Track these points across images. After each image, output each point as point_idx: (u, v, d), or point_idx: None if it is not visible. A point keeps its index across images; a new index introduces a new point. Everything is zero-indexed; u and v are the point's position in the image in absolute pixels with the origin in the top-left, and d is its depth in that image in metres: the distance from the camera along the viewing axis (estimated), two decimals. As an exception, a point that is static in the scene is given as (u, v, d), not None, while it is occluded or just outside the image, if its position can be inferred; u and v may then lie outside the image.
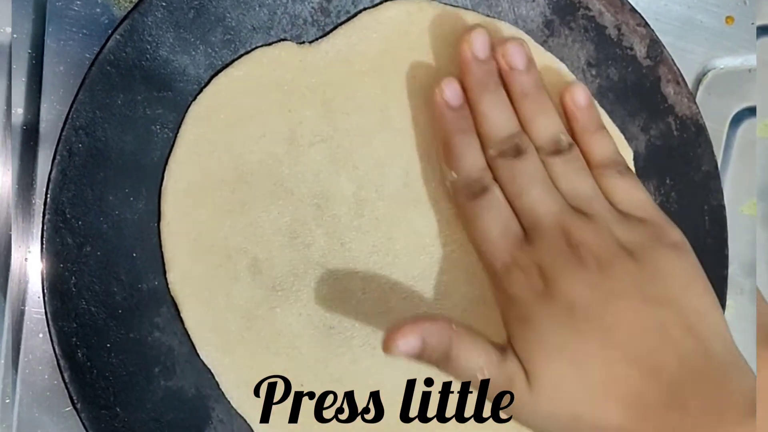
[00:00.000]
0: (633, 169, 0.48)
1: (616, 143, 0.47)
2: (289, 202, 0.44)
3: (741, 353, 0.38)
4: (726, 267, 0.49)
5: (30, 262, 0.46)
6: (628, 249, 0.39)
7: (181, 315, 0.43)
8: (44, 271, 0.41)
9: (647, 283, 0.39)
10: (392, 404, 0.45)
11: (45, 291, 0.41)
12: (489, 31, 0.43)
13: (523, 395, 0.37)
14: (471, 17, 0.47)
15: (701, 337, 0.38)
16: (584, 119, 0.44)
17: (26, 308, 0.46)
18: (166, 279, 0.43)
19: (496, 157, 0.41)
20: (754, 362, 0.54)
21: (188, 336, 0.44)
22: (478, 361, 0.38)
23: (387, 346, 0.37)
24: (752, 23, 0.56)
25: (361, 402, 0.45)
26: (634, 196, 0.42)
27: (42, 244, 0.41)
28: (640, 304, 0.38)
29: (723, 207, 0.49)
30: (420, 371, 0.45)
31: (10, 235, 0.46)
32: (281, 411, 0.44)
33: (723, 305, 0.49)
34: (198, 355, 0.44)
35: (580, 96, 0.44)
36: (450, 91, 0.42)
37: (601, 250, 0.39)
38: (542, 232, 0.40)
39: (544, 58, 0.47)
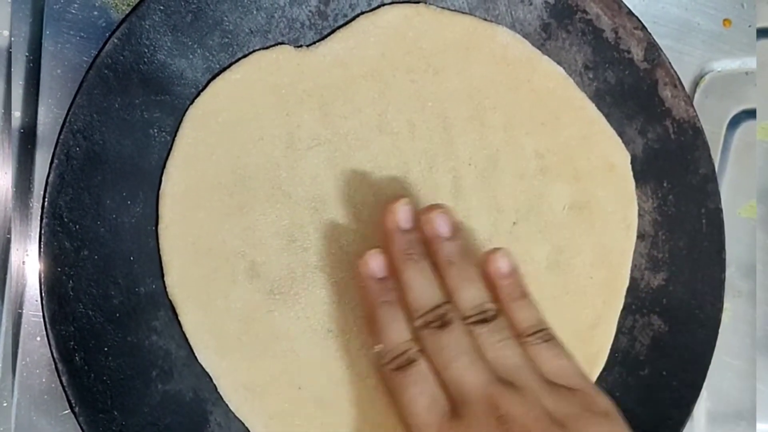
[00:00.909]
0: (631, 172, 0.49)
1: (613, 145, 0.48)
2: (286, 205, 0.44)
3: None
4: (723, 270, 0.49)
5: (28, 266, 0.46)
6: (558, 420, 0.39)
7: (179, 318, 0.43)
8: (42, 275, 0.41)
9: None
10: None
11: (43, 294, 0.41)
12: (486, 36, 0.43)
13: None
14: (468, 21, 0.47)
15: None
16: (508, 287, 0.43)
17: (24, 311, 0.46)
18: (163, 282, 0.43)
19: (422, 328, 0.41)
20: (753, 365, 0.54)
21: (186, 339, 0.44)
22: None
23: None
24: (749, 26, 0.56)
25: (360, 403, 0.45)
26: (561, 364, 0.42)
27: (40, 247, 0.41)
28: None
29: (720, 210, 0.49)
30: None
31: (8, 238, 0.46)
32: (279, 413, 0.44)
33: (720, 308, 0.49)
34: (196, 358, 0.44)
35: (502, 264, 0.43)
36: (374, 263, 0.42)
37: (531, 423, 0.38)
38: (470, 406, 0.39)
39: (541, 61, 0.47)
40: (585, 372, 0.42)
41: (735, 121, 0.56)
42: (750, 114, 0.56)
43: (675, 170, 0.49)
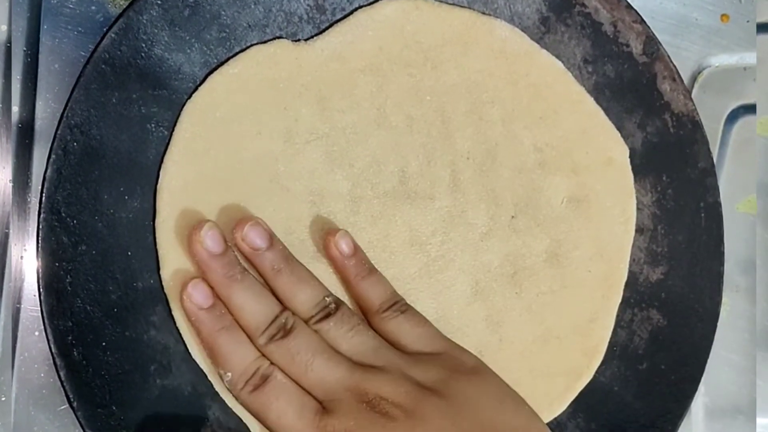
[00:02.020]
0: (629, 166, 0.48)
1: (612, 139, 0.48)
2: (284, 199, 0.44)
3: None
4: (722, 264, 0.49)
5: (26, 261, 0.46)
6: (429, 388, 0.38)
7: (173, 313, 0.43)
8: (40, 270, 0.41)
9: (459, 416, 0.38)
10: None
11: (40, 289, 0.41)
12: (485, 30, 0.43)
13: None
14: (467, 15, 0.47)
15: None
16: (354, 267, 0.43)
17: (22, 306, 0.45)
18: (161, 277, 0.43)
19: (267, 343, 0.40)
20: (752, 362, 0.54)
21: (183, 334, 0.44)
22: None
23: None
24: (747, 21, 0.56)
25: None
26: (421, 332, 0.42)
27: (37, 242, 0.41)
28: None
29: (719, 204, 0.49)
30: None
31: (7, 233, 0.45)
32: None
33: (719, 302, 0.49)
34: (192, 353, 0.44)
35: (343, 245, 0.43)
36: (197, 294, 0.41)
37: (402, 399, 0.38)
38: (338, 401, 0.39)
39: (540, 55, 0.47)
40: (444, 335, 0.42)
41: (733, 117, 0.56)
42: (748, 109, 0.56)
43: (674, 164, 0.49)
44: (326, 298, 0.42)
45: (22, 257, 0.46)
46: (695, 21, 0.55)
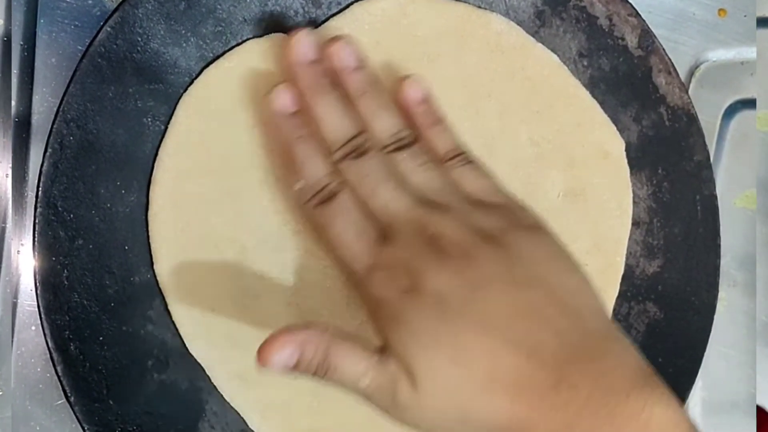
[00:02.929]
0: (626, 160, 0.49)
1: (608, 133, 0.48)
2: (279, 190, 0.44)
3: (618, 327, 0.37)
4: (718, 256, 0.49)
5: (22, 255, 0.46)
6: (487, 235, 0.38)
7: (169, 308, 0.43)
8: (36, 264, 0.41)
9: (513, 266, 0.38)
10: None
11: (37, 284, 0.41)
12: (481, 23, 0.43)
13: (408, 397, 0.36)
14: (462, 8, 0.47)
15: (576, 315, 0.37)
16: (423, 114, 0.43)
17: (19, 301, 0.45)
18: (155, 271, 0.43)
19: (341, 160, 0.40)
20: (749, 357, 0.54)
21: (179, 329, 0.44)
22: (358, 368, 0.36)
23: (261, 359, 0.36)
24: (745, 15, 0.56)
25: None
26: (484, 184, 0.42)
27: (34, 237, 0.41)
28: (509, 287, 0.37)
29: (715, 197, 0.49)
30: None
31: (3, 227, 0.45)
32: (275, 402, 0.44)
33: (715, 295, 0.49)
34: (189, 348, 0.44)
35: (414, 91, 0.43)
36: (282, 99, 0.41)
37: (461, 239, 0.38)
38: (398, 230, 0.39)
39: (535, 48, 0.47)
40: (506, 190, 0.42)
41: (730, 112, 0.56)
42: (745, 104, 0.56)
43: (670, 157, 0.49)
44: (403, 131, 0.42)
45: (18, 252, 0.46)
46: (693, 15, 0.55)
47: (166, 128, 0.43)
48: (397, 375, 0.36)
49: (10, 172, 0.46)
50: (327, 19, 0.45)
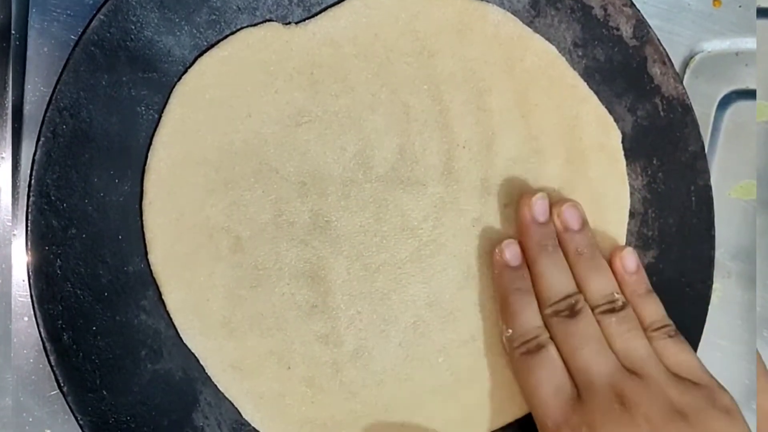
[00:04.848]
0: (621, 150, 0.48)
1: (604, 124, 0.47)
2: (274, 180, 0.44)
3: None
4: (713, 247, 0.49)
5: (15, 245, 0.46)
6: (680, 411, 0.40)
7: (163, 297, 0.43)
8: (29, 254, 0.41)
9: None
10: (381, 384, 0.45)
11: (30, 274, 0.41)
12: (478, 15, 0.43)
13: None
14: (460, 1, 0.46)
15: None
16: (634, 283, 0.45)
17: (11, 291, 0.45)
18: (149, 261, 0.43)
19: (552, 316, 0.43)
20: (743, 348, 0.54)
21: (173, 318, 0.43)
22: None
23: None
24: (740, 6, 0.56)
25: (351, 382, 0.45)
26: (686, 359, 0.43)
27: (27, 226, 0.41)
28: None
29: (710, 187, 0.49)
30: (407, 356, 0.45)
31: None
32: (269, 393, 0.44)
33: (710, 285, 0.49)
34: (183, 338, 0.44)
35: (630, 261, 0.45)
36: (510, 252, 0.45)
37: (654, 412, 0.40)
38: (595, 392, 0.41)
39: (533, 39, 0.47)
40: (706, 369, 0.43)
41: (725, 102, 0.56)
42: (740, 95, 0.56)
43: (664, 147, 0.49)
44: (616, 294, 0.44)
45: (11, 242, 0.46)
46: (687, 6, 0.55)
47: (160, 117, 0.43)
48: None
49: (2, 161, 0.45)
50: (323, 9, 0.45)
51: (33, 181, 0.41)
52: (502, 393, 0.46)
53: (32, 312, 0.41)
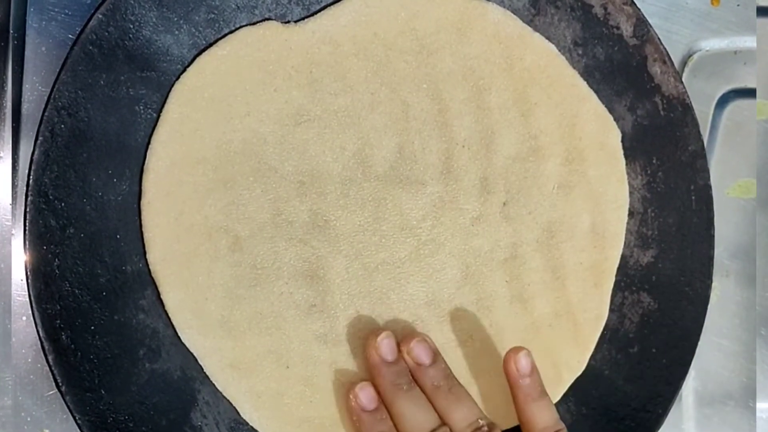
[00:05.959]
0: (621, 151, 0.48)
1: (604, 123, 0.47)
2: (272, 179, 0.44)
3: None
4: (712, 246, 0.50)
5: (13, 245, 0.45)
6: None
7: (161, 297, 0.43)
8: (27, 253, 0.41)
9: None
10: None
11: (28, 273, 0.41)
12: (478, 14, 0.43)
13: None
14: (459, 0, 0.46)
15: None
16: (527, 387, 0.44)
17: (10, 291, 0.45)
18: (147, 261, 0.43)
19: None
20: (742, 348, 0.55)
21: (172, 318, 0.43)
22: None
23: None
24: (738, 5, 0.56)
25: (349, 381, 0.45)
26: None
27: (25, 225, 0.41)
28: None
29: (709, 187, 0.49)
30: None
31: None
32: (267, 392, 0.44)
33: (709, 285, 0.50)
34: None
35: (524, 365, 0.44)
36: (365, 396, 0.43)
37: None
38: None
39: (533, 38, 0.47)
40: None
41: (723, 101, 0.56)
42: (739, 93, 0.56)
43: (664, 147, 0.49)
44: (480, 420, 0.43)
45: (9, 241, 0.45)
46: (686, 4, 0.55)
47: (159, 116, 0.43)
48: None
49: (0, 161, 0.45)
50: (322, 9, 0.45)
51: (31, 181, 0.41)
52: (499, 395, 0.46)
53: (30, 311, 0.41)
